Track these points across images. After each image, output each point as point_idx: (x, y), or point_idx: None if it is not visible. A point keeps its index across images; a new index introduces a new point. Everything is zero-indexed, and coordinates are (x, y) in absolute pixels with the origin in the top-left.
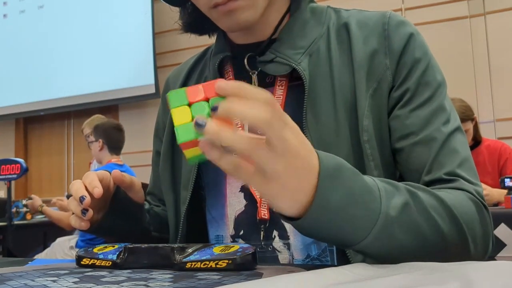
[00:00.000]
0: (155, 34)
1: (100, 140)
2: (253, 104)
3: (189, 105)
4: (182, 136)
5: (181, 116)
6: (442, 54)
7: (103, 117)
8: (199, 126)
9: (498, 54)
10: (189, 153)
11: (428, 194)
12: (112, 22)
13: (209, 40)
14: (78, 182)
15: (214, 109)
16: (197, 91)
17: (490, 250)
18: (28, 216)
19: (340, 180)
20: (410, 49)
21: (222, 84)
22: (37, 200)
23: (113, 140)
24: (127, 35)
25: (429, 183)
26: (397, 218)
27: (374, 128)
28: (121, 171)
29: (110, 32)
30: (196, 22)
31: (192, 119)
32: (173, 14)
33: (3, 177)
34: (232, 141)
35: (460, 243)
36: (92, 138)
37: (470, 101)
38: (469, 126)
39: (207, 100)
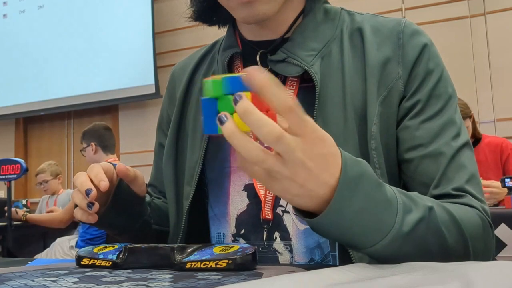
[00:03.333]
0: (155, 34)
1: (92, 144)
2: (267, 120)
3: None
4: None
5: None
6: (442, 54)
7: (53, 162)
8: (220, 121)
9: (498, 54)
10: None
11: (442, 209)
12: (112, 22)
13: (209, 41)
14: (83, 174)
15: (235, 101)
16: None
17: None
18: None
19: (359, 190)
20: (424, 59)
21: (251, 74)
22: (19, 211)
23: (105, 139)
24: (127, 35)
25: (436, 197)
26: (407, 234)
27: (382, 136)
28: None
29: (110, 32)
30: (207, 12)
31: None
32: (173, 14)
33: (3, 177)
34: (240, 148)
35: (463, 256)
36: (83, 145)
37: (470, 101)
38: (468, 123)
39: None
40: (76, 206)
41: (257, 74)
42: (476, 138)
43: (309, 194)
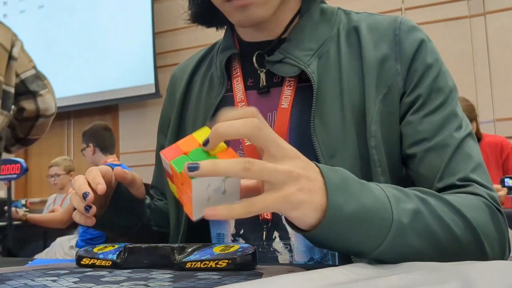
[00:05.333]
0: (155, 34)
1: (91, 144)
2: (237, 122)
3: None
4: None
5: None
6: (442, 54)
7: (68, 158)
8: (191, 169)
9: (498, 54)
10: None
11: (438, 200)
12: (112, 22)
13: (210, 40)
14: (81, 177)
15: (205, 143)
16: (191, 141)
17: (507, 254)
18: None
19: (348, 192)
20: (422, 55)
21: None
22: (19, 211)
23: (103, 140)
24: (127, 35)
25: (442, 190)
26: (410, 225)
27: (382, 134)
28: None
29: (110, 32)
30: (205, 14)
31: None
32: (173, 14)
33: (3, 177)
34: (228, 167)
35: (476, 247)
36: (83, 145)
37: (470, 101)
38: (473, 126)
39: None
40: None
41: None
42: (477, 138)
43: (313, 202)
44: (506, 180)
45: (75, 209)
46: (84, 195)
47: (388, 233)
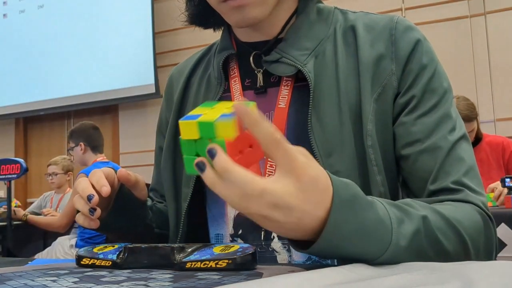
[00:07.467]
0: (155, 34)
1: (81, 143)
2: (246, 177)
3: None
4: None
5: (188, 133)
6: (442, 54)
7: (68, 157)
8: (199, 168)
9: (498, 54)
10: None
11: (437, 215)
12: (112, 22)
13: (209, 40)
14: (85, 180)
15: (210, 155)
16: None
17: (494, 257)
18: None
19: (352, 212)
20: (417, 55)
21: (242, 111)
22: (19, 211)
23: (93, 139)
24: (127, 35)
25: (434, 192)
26: (405, 247)
27: (378, 133)
28: (108, 167)
29: (110, 32)
30: (202, 15)
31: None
32: (173, 14)
33: (3, 177)
34: (224, 196)
35: (464, 256)
36: (71, 144)
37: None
38: (474, 125)
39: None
40: (78, 211)
41: (247, 111)
42: (477, 138)
43: (303, 229)
44: (507, 180)
45: (77, 212)
46: (89, 197)
47: (383, 254)
